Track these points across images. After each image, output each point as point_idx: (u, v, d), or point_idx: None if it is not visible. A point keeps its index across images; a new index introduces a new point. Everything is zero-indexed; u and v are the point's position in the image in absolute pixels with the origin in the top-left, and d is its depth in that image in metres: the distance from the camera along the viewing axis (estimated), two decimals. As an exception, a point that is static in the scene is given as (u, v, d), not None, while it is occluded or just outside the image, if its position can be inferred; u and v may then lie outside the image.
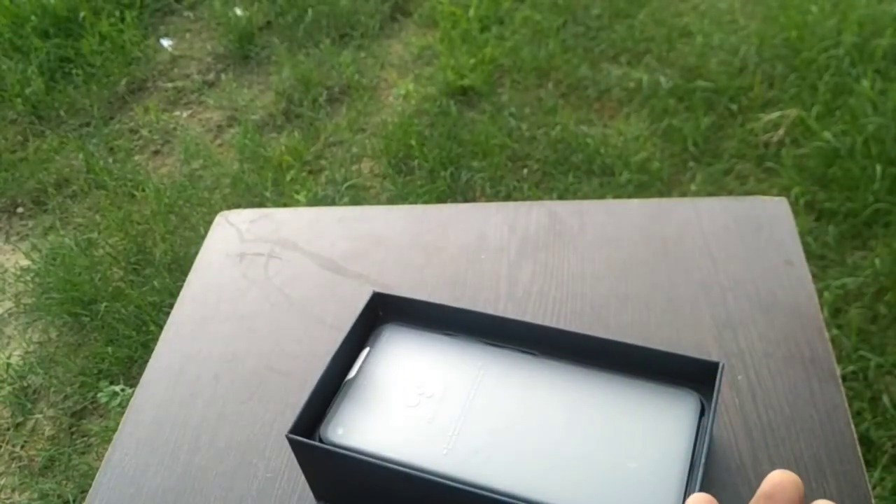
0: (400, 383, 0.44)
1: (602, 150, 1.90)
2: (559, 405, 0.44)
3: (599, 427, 0.43)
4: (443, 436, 0.40)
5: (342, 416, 0.42)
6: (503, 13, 2.39)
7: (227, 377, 0.63)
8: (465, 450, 0.40)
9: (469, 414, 0.42)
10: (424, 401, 0.42)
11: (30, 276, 1.86)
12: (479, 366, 0.45)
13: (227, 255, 0.75)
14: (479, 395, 0.43)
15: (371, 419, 0.42)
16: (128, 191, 2.04)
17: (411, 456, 0.40)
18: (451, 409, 0.42)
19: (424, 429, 0.41)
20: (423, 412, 0.42)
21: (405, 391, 0.43)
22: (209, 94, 2.32)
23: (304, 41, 2.43)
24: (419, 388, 0.43)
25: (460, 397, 0.43)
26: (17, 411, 1.61)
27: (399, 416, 0.42)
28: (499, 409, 0.42)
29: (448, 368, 0.44)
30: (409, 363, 0.45)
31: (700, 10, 2.30)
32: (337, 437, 0.41)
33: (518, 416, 0.42)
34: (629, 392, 0.46)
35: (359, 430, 0.41)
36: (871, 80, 1.91)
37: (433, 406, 0.42)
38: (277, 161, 2.03)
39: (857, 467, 0.50)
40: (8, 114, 2.35)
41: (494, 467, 0.40)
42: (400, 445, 0.40)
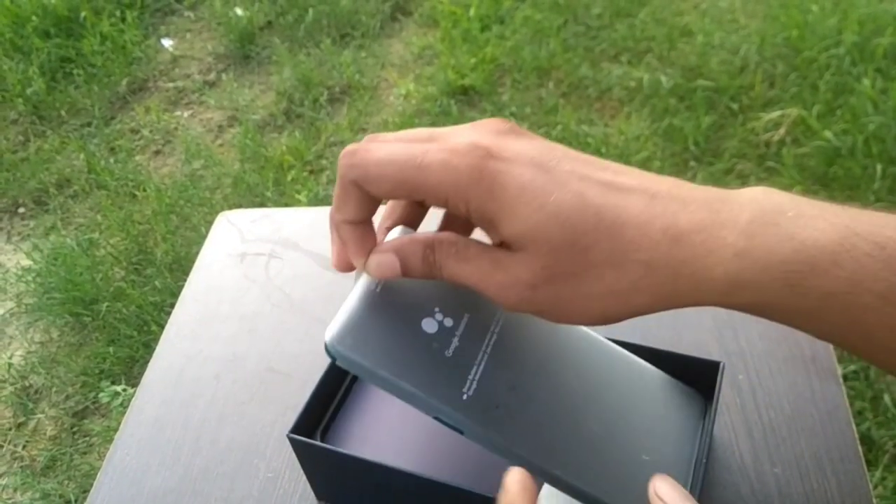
0: (418, 299, 0.37)
1: (603, 149, 1.90)
2: (579, 373, 0.40)
3: (617, 408, 0.40)
4: (462, 376, 0.35)
5: (355, 327, 0.35)
6: (504, 12, 2.39)
7: (228, 377, 0.64)
8: (485, 399, 0.35)
9: (489, 360, 0.37)
10: (442, 328, 0.36)
11: (31, 277, 1.86)
12: (497, 310, 0.39)
13: (228, 255, 0.75)
14: (499, 342, 0.38)
15: (386, 335, 0.35)
16: (129, 191, 2.05)
17: (431, 391, 0.34)
18: (472, 348, 0.37)
19: (443, 361, 0.35)
20: (441, 341, 0.36)
21: (423, 310, 0.36)
22: (210, 94, 2.32)
23: (305, 41, 2.43)
24: (438, 311, 0.37)
25: (480, 337, 0.37)
26: (19, 411, 1.62)
27: (416, 337, 0.35)
28: (519, 363, 0.38)
29: (468, 298, 0.37)
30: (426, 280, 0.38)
31: (701, 9, 2.29)
32: (346, 347, 0.34)
33: (538, 375, 0.38)
34: (646, 377, 0.43)
35: (371, 346, 0.34)
36: (871, 80, 1.91)
37: (452, 337, 0.36)
38: (278, 161, 2.03)
39: (859, 467, 0.50)
40: (9, 114, 2.35)
41: (513, 427, 0.36)
42: (418, 373, 0.34)
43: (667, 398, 0.43)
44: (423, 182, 0.33)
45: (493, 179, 0.32)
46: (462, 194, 0.32)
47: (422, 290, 0.37)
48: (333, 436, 0.51)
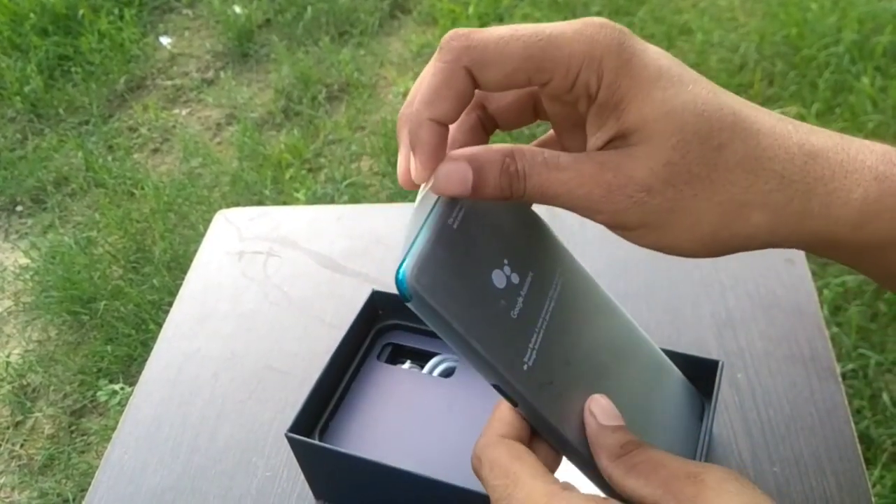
0: (490, 245, 0.32)
1: (602, 147, 1.90)
2: (617, 355, 0.36)
3: (642, 398, 0.38)
4: (525, 343, 0.31)
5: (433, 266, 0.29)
6: (502, 10, 2.39)
7: (226, 376, 0.63)
8: (542, 372, 0.32)
9: (548, 328, 0.33)
10: (510, 285, 0.32)
11: (29, 275, 1.85)
12: (556, 270, 0.34)
13: (227, 253, 0.75)
14: (557, 309, 0.33)
15: (461, 282, 0.30)
16: (127, 189, 2.04)
17: (497, 356, 0.30)
18: (534, 312, 0.32)
19: (509, 322, 0.31)
20: (509, 299, 0.31)
21: (494, 259, 0.31)
22: (208, 92, 2.31)
23: (304, 39, 2.43)
24: (507, 264, 0.32)
25: (542, 301, 0.33)
26: (17, 410, 1.61)
27: (487, 291, 0.31)
28: (574, 336, 0.34)
29: (532, 254, 0.33)
30: (497, 222, 0.33)
31: (700, 7, 2.29)
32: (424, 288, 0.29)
33: (588, 352, 0.35)
34: (664, 369, 0.41)
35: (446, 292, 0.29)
36: (871, 78, 1.91)
37: (517, 296, 0.32)
38: (276, 159, 2.03)
39: (857, 465, 0.50)
40: (7, 112, 2.34)
41: (560, 406, 0.32)
42: (487, 332, 0.30)
43: (676, 393, 0.41)
44: (553, 54, 0.29)
45: (633, 54, 0.29)
46: (597, 65, 0.29)
47: (492, 236, 0.32)
48: (332, 435, 0.51)
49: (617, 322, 0.38)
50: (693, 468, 0.30)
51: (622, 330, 0.38)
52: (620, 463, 0.31)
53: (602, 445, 0.32)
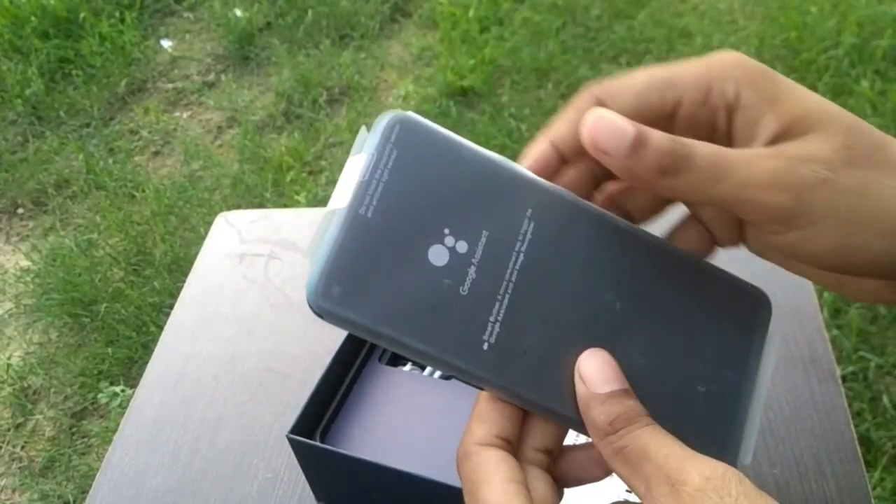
0: (423, 218, 0.28)
1: (602, 150, 1.90)
2: (623, 285, 0.30)
3: (669, 327, 0.31)
4: (482, 319, 0.28)
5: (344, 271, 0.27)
6: (503, 14, 2.39)
7: (227, 378, 0.63)
8: (511, 345, 0.28)
9: (515, 291, 0.28)
10: (455, 257, 0.28)
11: (30, 277, 1.86)
12: (525, 211, 0.29)
13: (227, 255, 0.75)
14: (527, 263, 0.29)
15: (384, 276, 0.27)
16: (128, 192, 2.04)
17: (445, 345, 0.27)
18: (493, 279, 0.28)
19: (457, 302, 0.27)
20: (454, 275, 0.28)
21: (430, 233, 0.28)
22: (209, 95, 2.32)
23: (304, 42, 2.43)
24: (447, 234, 0.28)
25: (503, 261, 0.28)
26: (18, 412, 1.61)
27: (422, 275, 0.27)
28: (553, 286, 0.29)
29: (485, 207, 0.29)
30: (430, 187, 0.28)
31: (700, 10, 2.30)
32: (333, 301, 0.26)
33: (575, 298, 0.29)
34: (704, 277, 0.32)
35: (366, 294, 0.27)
36: (870, 81, 1.91)
37: (467, 267, 0.28)
38: (277, 162, 2.03)
39: (857, 468, 0.50)
40: (8, 115, 2.35)
41: (544, 373, 0.28)
42: (427, 323, 0.27)
43: (728, 307, 0.33)
44: (680, 72, 0.29)
45: (767, 70, 0.28)
46: (730, 72, 0.28)
47: (426, 205, 0.28)
48: (333, 436, 0.51)
49: (628, 248, 0.31)
50: (676, 468, 0.26)
51: (636, 256, 0.31)
52: (608, 444, 0.27)
53: (591, 420, 0.28)
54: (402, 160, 0.28)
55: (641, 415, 0.27)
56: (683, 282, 0.31)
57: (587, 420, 0.28)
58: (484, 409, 0.29)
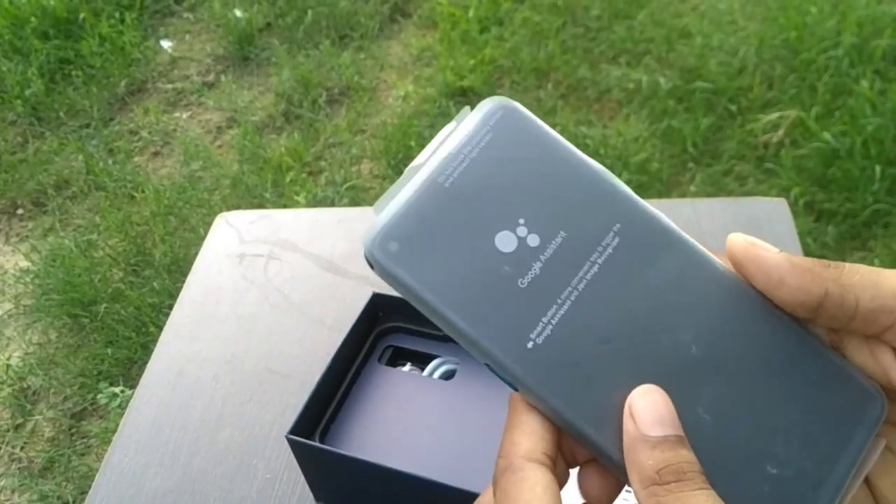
0: (499, 202, 0.27)
1: (601, 150, 1.91)
2: (710, 329, 0.27)
3: (749, 391, 0.27)
4: (534, 316, 0.26)
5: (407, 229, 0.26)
6: (503, 14, 2.39)
7: (226, 378, 0.63)
8: (560, 352, 0.26)
9: (580, 299, 0.27)
10: (522, 248, 0.27)
11: (29, 278, 1.86)
12: (613, 224, 0.28)
13: (227, 256, 0.75)
14: (602, 276, 0.27)
15: (445, 246, 0.26)
16: (127, 192, 2.04)
17: (485, 330, 0.26)
18: (558, 280, 0.27)
19: (513, 292, 0.26)
20: (517, 265, 0.27)
21: (503, 218, 0.27)
22: (209, 96, 2.32)
23: (304, 42, 2.43)
24: (520, 224, 0.27)
25: (575, 266, 0.27)
26: (17, 413, 1.61)
27: (482, 255, 0.26)
28: (625, 308, 0.27)
29: (569, 209, 0.28)
30: (516, 175, 0.28)
31: (699, 10, 2.30)
32: (388, 255, 0.26)
33: (649, 327, 0.27)
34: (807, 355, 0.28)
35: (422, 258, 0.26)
36: (870, 81, 1.91)
37: (533, 261, 0.27)
38: (277, 162, 2.03)
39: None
40: (8, 115, 2.35)
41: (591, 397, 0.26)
42: (474, 303, 0.26)
43: (829, 391, 0.28)
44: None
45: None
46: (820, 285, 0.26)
47: (507, 191, 0.27)
48: (332, 437, 0.51)
49: (723, 293, 0.28)
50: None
51: (730, 304, 0.28)
52: (652, 494, 0.24)
53: (635, 462, 0.25)
54: (495, 143, 0.28)
55: (697, 473, 0.24)
56: (781, 348, 0.28)
57: (631, 462, 0.25)
58: (528, 419, 0.26)
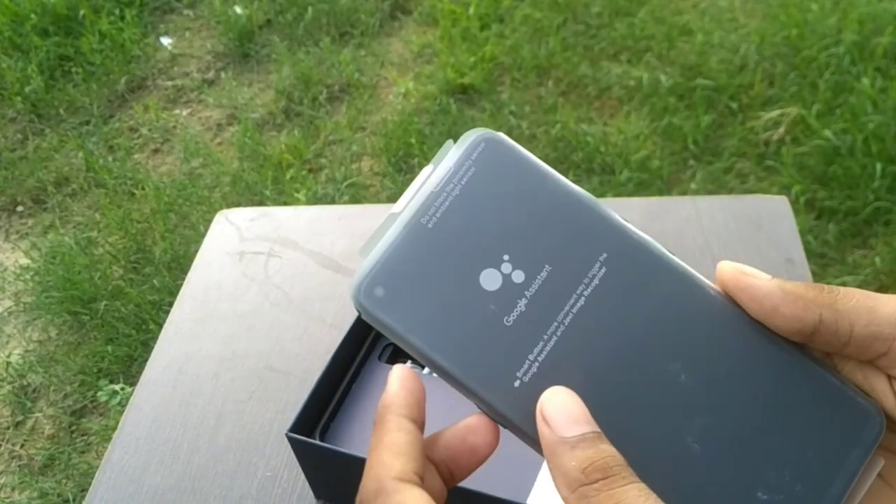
0: (483, 240, 0.27)
1: (602, 148, 1.90)
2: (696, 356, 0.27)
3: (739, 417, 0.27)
4: (521, 354, 0.26)
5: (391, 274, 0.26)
6: (503, 11, 2.39)
7: (226, 376, 0.63)
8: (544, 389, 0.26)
9: (567, 334, 0.26)
10: (507, 285, 0.27)
11: (29, 275, 1.85)
12: (599, 254, 0.28)
13: (227, 253, 0.75)
14: (589, 309, 0.27)
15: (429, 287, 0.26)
16: (127, 189, 2.04)
17: (471, 370, 0.26)
18: (544, 316, 0.27)
19: (498, 331, 0.26)
20: (502, 303, 0.27)
21: (487, 256, 0.27)
22: (209, 93, 2.32)
23: (304, 39, 2.43)
24: (505, 260, 0.27)
25: (561, 301, 0.27)
26: (17, 410, 1.61)
27: (467, 295, 0.27)
28: (613, 342, 0.27)
29: (554, 241, 0.27)
30: (500, 210, 0.27)
31: (700, 8, 2.29)
32: (374, 301, 0.26)
33: (637, 360, 0.27)
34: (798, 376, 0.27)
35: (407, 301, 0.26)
36: (871, 79, 1.91)
37: (518, 298, 0.27)
38: (277, 159, 2.03)
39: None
40: (7, 112, 2.35)
41: None
42: (460, 344, 0.26)
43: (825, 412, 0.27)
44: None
45: None
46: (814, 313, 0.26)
47: (490, 228, 0.27)
48: (332, 435, 0.51)
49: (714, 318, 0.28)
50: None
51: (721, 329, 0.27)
52: (581, 496, 0.23)
53: (558, 467, 0.24)
54: (478, 178, 0.28)
55: (622, 466, 0.23)
56: (773, 372, 0.27)
57: (555, 469, 0.24)
58: (398, 439, 0.26)
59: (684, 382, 0.27)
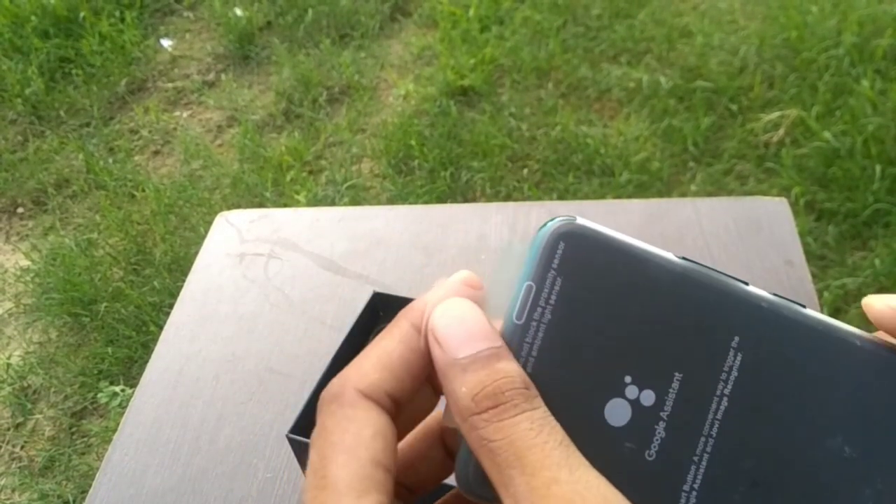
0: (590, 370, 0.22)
1: (602, 150, 1.90)
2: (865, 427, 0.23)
3: None
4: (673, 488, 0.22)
5: None
6: (503, 13, 2.39)
7: (226, 377, 0.63)
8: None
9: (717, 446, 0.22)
10: (639, 413, 0.22)
11: (30, 277, 1.86)
12: (731, 339, 0.22)
13: (227, 255, 0.75)
14: (734, 402, 0.22)
15: None
16: (128, 191, 2.04)
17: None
18: (688, 434, 0.22)
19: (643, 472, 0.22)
20: (639, 437, 0.22)
21: (608, 383, 0.22)
22: (209, 95, 2.32)
23: (304, 41, 2.43)
24: (628, 384, 0.22)
25: (702, 409, 0.22)
26: (18, 412, 1.61)
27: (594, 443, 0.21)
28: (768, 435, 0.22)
29: (678, 340, 0.22)
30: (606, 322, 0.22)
31: (700, 10, 2.30)
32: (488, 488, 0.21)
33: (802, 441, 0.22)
34: None
35: None
36: (871, 81, 1.91)
37: (654, 424, 0.22)
38: (277, 161, 2.03)
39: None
40: (8, 114, 2.35)
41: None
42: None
43: None
44: None
45: None
46: None
47: (603, 348, 0.22)
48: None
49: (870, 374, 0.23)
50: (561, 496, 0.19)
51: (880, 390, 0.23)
52: (471, 427, 0.20)
53: (450, 394, 0.21)
54: (568, 292, 0.22)
55: (518, 390, 0.20)
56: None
57: (448, 395, 0.21)
58: (394, 353, 0.22)
59: (848, 455, 0.23)
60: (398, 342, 0.22)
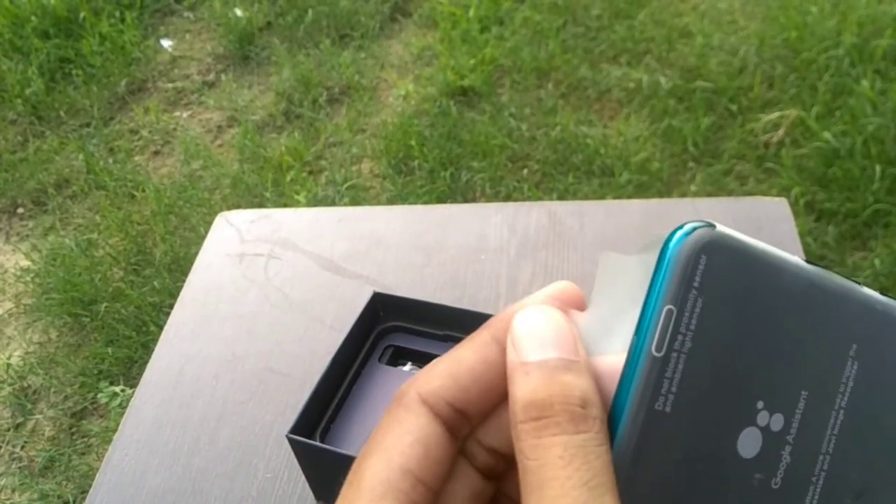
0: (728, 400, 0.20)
1: (602, 150, 1.90)
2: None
3: None
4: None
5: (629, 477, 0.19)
6: (503, 14, 2.39)
7: (226, 377, 0.63)
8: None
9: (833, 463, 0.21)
10: (769, 440, 0.20)
11: (30, 277, 1.86)
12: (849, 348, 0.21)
13: (227, 255, 0.75)
14: (848, 418, 0.21)
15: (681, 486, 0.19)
16: (128, 191, 2.04)
17: None
18: (809, 455, 0.21)
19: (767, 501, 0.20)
20: (767, 466, 0.20)
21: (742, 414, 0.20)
22: (209, 95, 2.32)
23: (304, 42, 2.43)
24: (760, 409, 0.20)
25: (821, 428, 0.21)
26: (18, 412, 1.61)
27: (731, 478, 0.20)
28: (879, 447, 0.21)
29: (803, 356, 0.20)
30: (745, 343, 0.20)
31: (700, 10, 2.30)
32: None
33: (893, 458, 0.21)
34: None
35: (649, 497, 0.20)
36: (870, 81, 1.91)
37: (781, 449, 0.20)
38: (277, 161, 2.03)
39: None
40: (8, 114, 2.35)
41: None
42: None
43: None
44: None
45: None
46: None
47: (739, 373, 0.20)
48: (333, 436, 0.51)
49: None
50: None
51: None
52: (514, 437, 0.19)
53: (510, 395, 0.20)
54: (709, 313, 0.19)
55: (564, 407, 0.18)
56: None
57: (511, 398, 0.20)
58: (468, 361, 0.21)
59: None
60: (472, 352, 0.21)
